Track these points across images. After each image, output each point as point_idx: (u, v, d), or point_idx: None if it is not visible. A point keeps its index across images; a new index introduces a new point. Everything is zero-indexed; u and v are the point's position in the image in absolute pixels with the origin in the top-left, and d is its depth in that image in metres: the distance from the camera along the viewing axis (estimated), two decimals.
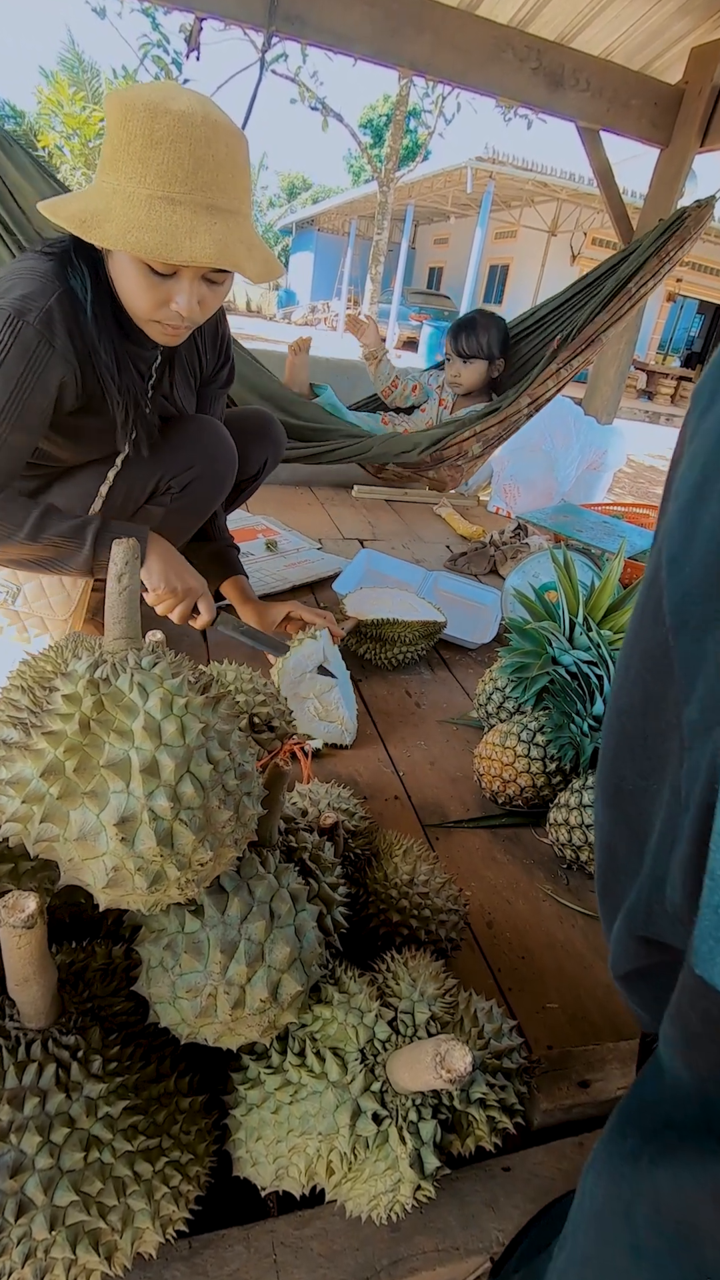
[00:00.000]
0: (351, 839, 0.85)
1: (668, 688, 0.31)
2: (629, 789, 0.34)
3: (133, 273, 1.00)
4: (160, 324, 1.07)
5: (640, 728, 0.33)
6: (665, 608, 0.31)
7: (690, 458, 0.31)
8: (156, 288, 1.01)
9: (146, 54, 6.79)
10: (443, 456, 2.60)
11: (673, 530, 0.31)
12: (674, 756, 0.30)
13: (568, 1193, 0.63)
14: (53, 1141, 0.48)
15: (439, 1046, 0.46)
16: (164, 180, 0.91)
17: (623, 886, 0.35)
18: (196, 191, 0.93)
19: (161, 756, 0.42)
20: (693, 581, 0.29)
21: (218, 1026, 0.53)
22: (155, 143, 0.89)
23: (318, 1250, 0.60)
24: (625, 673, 0.36)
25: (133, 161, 0.91)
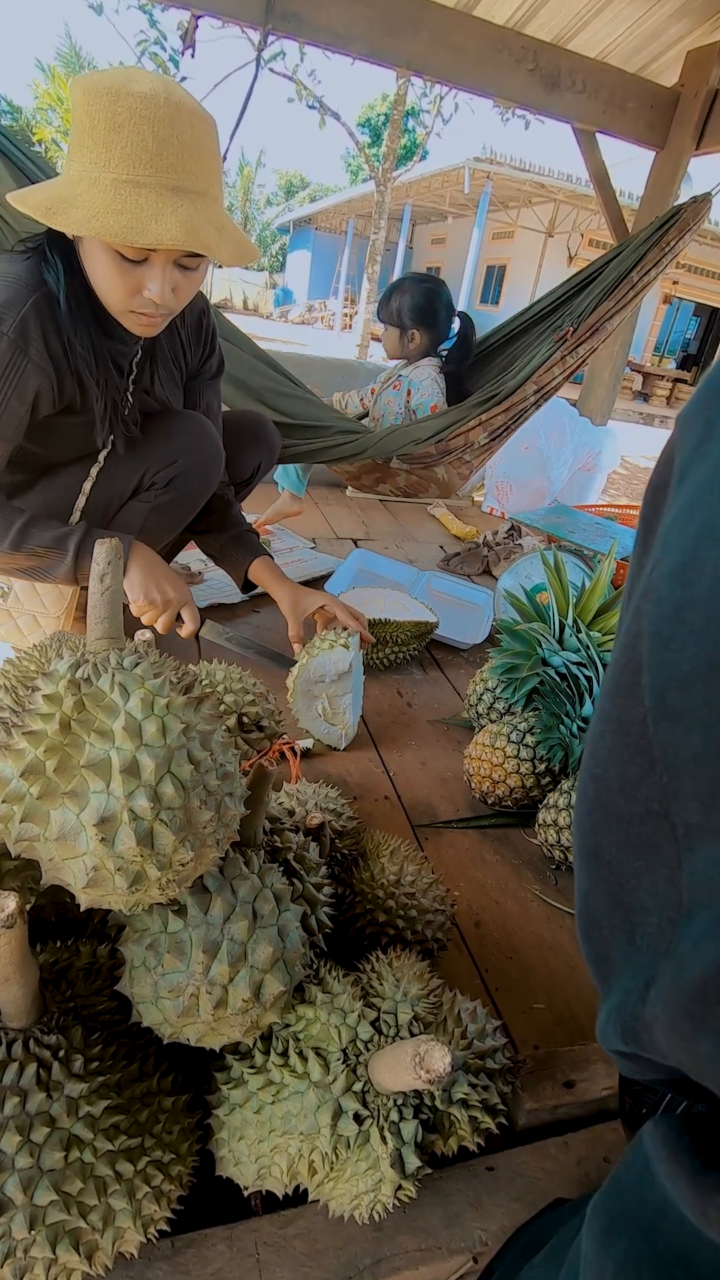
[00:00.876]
0: (339, 839, 0.85)
1: (646, 773, 0.27)
2: (607, 858, 0.31)
3: (103, 260, 0.99)
4: (135, 314, 1.06)
5: (617, 804, 0.30)
6: (645, 686, 0.27)
7: (686, 506, 0.26)
8: (128, 275, 1.00)
9: (144, 51, 6.77)
10: (449, 447, 2.54)
11: (660, 596, 0.26)
12: (663, 847, 0.27)
13: (553, 1203, 0.63)
14: (33, 1141, 0.48)
15: (418, 1047, 0.47)
16: (128, 163, 0.90)
17: (604, 944, 0.33)
18: (162, 173, 0.92)
19: (142, 757, 0.42)
20: (681, 666, 0.25)
21: (200, 1026, 0.53)
22: (118, 126, 0.88)
23: (300, 1249, 0.60)
24: (599, 737, 0.32)
25: (96, 146, 0.90)
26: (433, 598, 1.97)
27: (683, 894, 0.26)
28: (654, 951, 0.29)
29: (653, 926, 0.28)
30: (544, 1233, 0.55)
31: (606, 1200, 0.37)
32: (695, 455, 0.27)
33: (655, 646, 0.26)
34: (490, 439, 2.50)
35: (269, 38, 2.43)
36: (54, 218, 0.92)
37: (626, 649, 0.29)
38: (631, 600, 0.30)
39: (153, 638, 0.67)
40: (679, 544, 0.26)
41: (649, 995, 0.29)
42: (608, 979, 0.33)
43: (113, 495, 1.28)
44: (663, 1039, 0.28)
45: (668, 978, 0.27)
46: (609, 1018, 0.32)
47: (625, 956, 0.31)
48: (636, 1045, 0.31)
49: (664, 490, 0.29)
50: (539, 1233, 0.57)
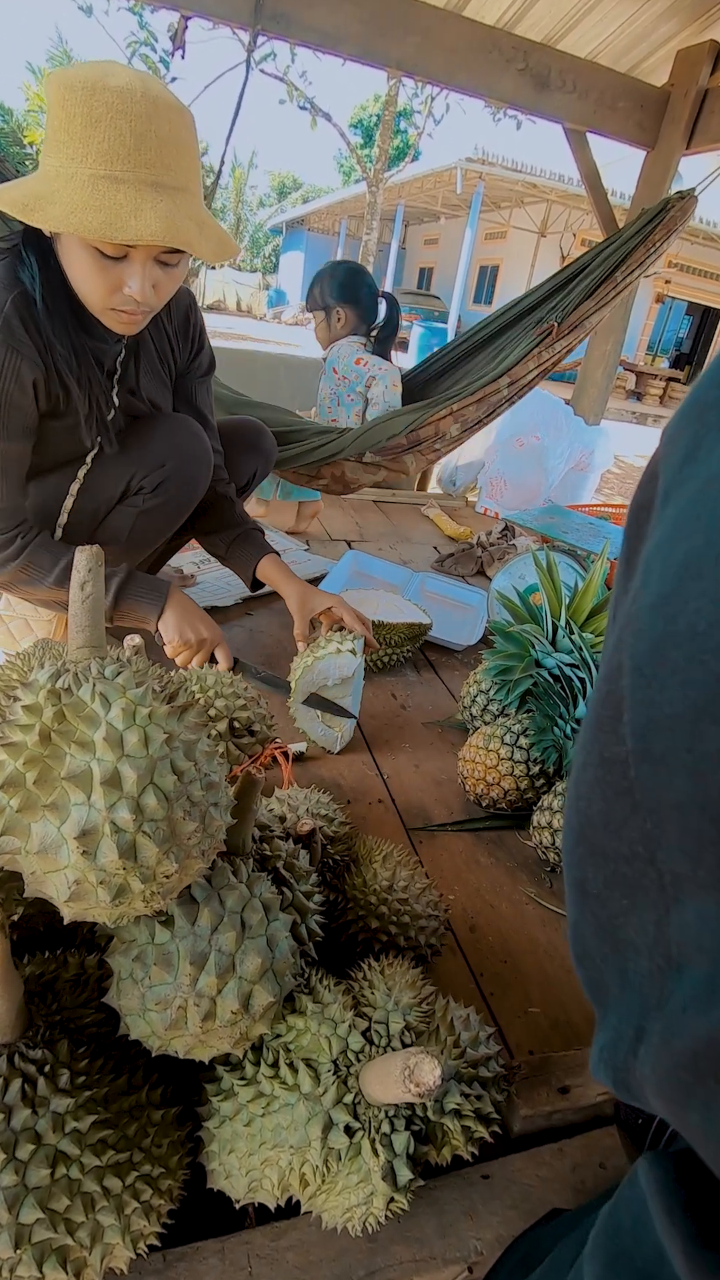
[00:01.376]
0: (330, 845, 0.85)
1: (629, 813, 0.26)
2: (594, 891, 0.30)
3: (82, 258, 0.97)
4: (116, 311, 1.05)
5: (601, 840, 0.28)
6: (626, 724, 0.25)
7: (669, 534, 0.25)
8: (107, 272, 0.98)
9: (134, 52, 6.77)
10: (419, 438, 2.53)
11: (641, 629, 0.25)
12: (650, 891, 0.26)
13: (550, 1214, 0.63)
14: (18, 1158, 0.47)
15: (408, 1060, 0.46)
16: (105, 159, 0.89)
17: (597, 971, 0.32)
18: (140, 169, 0.91)
19: (123, 768, 0.42)
20: (663, 708, 0.23)
21: (188, 1039, 0.52)
22: (94, 121, 0.87)
23: (293, 1262, 0.60)
24: (582, 769, 0.30)
25: (73, 142, 0.89)
26: (426, 599, 1.96)
27: (670, 946, 0.25)
28: (645, 997, 0.27)
29: (643, 969, 0.27)
30: (541, 1245, 0.55)
31: (605, 1239, 0.36)
32: (679, 476, 0.25)
33: (636, 683, 0.25)
34: (462, 430, 2.47)
35: (259, 39, 2.43)
36: (31, 214, 0.90)
37: (607, 680, 0.27)
38: (615, 625, 0.28)
39: (142, 644, 0.66)
40: (661, 573, 0.24)
41: (639, 1051, 0.27)
42: (603, 1005, 0.31)
43: (100, 499, 1.27)
44: (654, 1099, 0.27)
45: (657, 1038, 0.26)
46: (600, 1056, 0.31)
47: (619, 990, 0.29)
48: (627, 1094, 0.29)
49: (648, 509, 0.27)
50: (536, 1245, 0.56)
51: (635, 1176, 0.35)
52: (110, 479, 1.26)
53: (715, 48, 2.66)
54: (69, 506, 1.25)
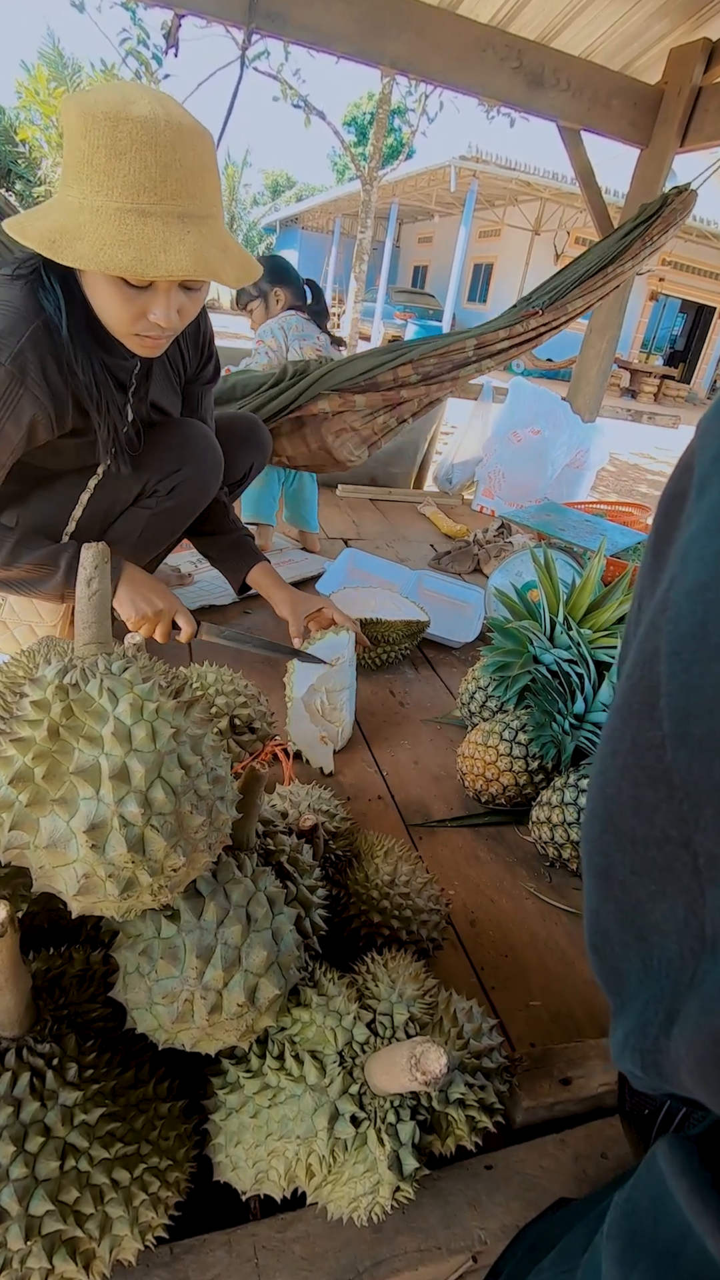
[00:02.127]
0: (332, 840, 0.85)
1: (664, 799, 0.26)
2: (618, 878, 0.30)
3: (107, 289, 0.98)
4: (140, 337, 1.05)
5: (630, 825, 0.29)
6: (663, 709, 0.25)
7: (707, 522, 0.25)
8: (132, 301, 0.99)
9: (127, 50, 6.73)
10: (377, 383, 2.50)
11: (679, 614, 0.25)
12: (682, 875, 0.26)
13: (557, 1203, 0.63)
14: (28, 1150, 0.48)
15: (414, 1049, 0.46)
16: (132, 191, 0.89)
17: (615, 959, 0.32)
18: (166, 200, 0.91)
19: (131, 762, 0.42)
20: (704, 691, 0.24)
21: (195, 1032, 0.53)
22: (119, 153, 0.87)
23: (300, 1253, 0.60)
24: (610, 756, 0.30)
25: (97, 174, 0.88)
26: (424, 597, 1.97)
27: (705, 926, 0.25)
28: (675, 980, 0.27)
29: (671, 953, 0.27)
30: (549, 1234, 0.55)
31: (624, 1220, 0.36)
32: (716, 466, 0.25)
33: (674, 668, 0.25)
34: (421, 380, 2.43)
35: (253, 36, 2.42)
36: (60, 251, 0.90)
37: (641, 666, 0.27)
38: (643, 614, 0.29)
39: (143, 641, 0.67)
40: (700, 559, 0.24)
41: (672, 1030, 0.28)
42: (621, 996, 0.32)
43: (115, 503, 1.29)
44: (689, 1078, 0.27)
45: (693, 1018, 0.26)
46: (625, 1043, 0.31)
47: (640, 978, 0.30)
48: (657, 1076, 0.30)
49: (681, 499, 0.27)
50: (544, 1233, 0.57)
51: (653, 1160, 0.35)
52: (124, 487, 1.28)
53: (708, 46, 2.67)
54: (78, 515, 1.26)
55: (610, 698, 1.10)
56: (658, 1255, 0.33)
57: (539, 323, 2.44)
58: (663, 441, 9.69)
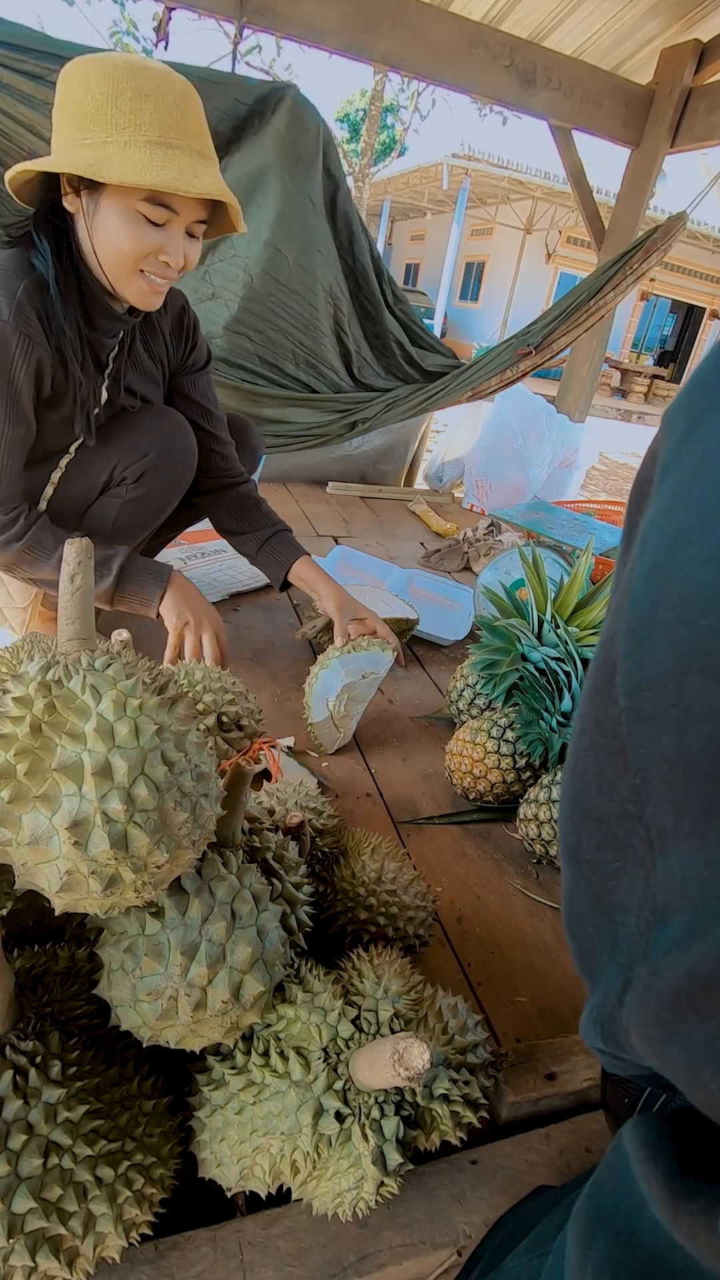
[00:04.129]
0: (319, 837, 0.85)
1: (620, 773, 0.27)
2: (587, 856, 0.31)
3: (126, 224, 1.03)
4: (146, 278, 1.09)
5: (595, 803, 0.30)
6: (619, 686, 0.27)
7: (665, 505, 0.26)
8: (148, 238, 1.04)
9: (117, 42, 6.69)
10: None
11: (636, 595, 0.26)
12: (638, 848, 0.27)
13: (535, 1190, 0.64)
14: (10, 1148, 0.48)
15: (397, 1044, 0.47)
16: (159, 127, 0.96)
17: (588, 941, 0.33)
18: (187, 139, 0.99)
19: (114, 759, 0.42)
20: (653, 667, 0.25)
21: (180, 1029, 0.53)
22: (144, 94, 0.95)
23: (285, 1249, 0.60)
24: (579, 735, 0.31)
25: (123, 114, 0.95)
26: (414, 595, 1.97)
27: (657, 897, 0.26)
28: (632, 952, 0.28)
29: (632, 927, 0.28)
30: (526, 1221, 0.56)
31: (588, 1200, 0.37)
32: (677, 453, 0.26)
33: (629, 646, 0.26)
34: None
35: (244, 31, 2.41)
36: (100, 172, 0.95)
37: (604, 647, 0.29)
38: (614, 599, 0.30)
39: (129, 637, 0.66)
40: (656, 543, 0.26)
41: (625, 999, 0.28)
42: (593, 977, 0.32)
43: (81, 489, 1.27)
44: (637, 1042, 0.28)
45: (641, 983, 0.27)
46: (590, 1015, 0.32)
47: (609, 956, 0.31)
48: (615, 1046, 0.31)
49: (647, 486, 0.29)
50: (521, 1221, 0.57)
51: (619, 1141, 0.36)
52: (92, 468, 1.26)
53: (699, 47, 2.68)
54: (49, 494, 1.25)
55: None
56: (615, 1230, 0.34)
57: (529, 363, 2.51)
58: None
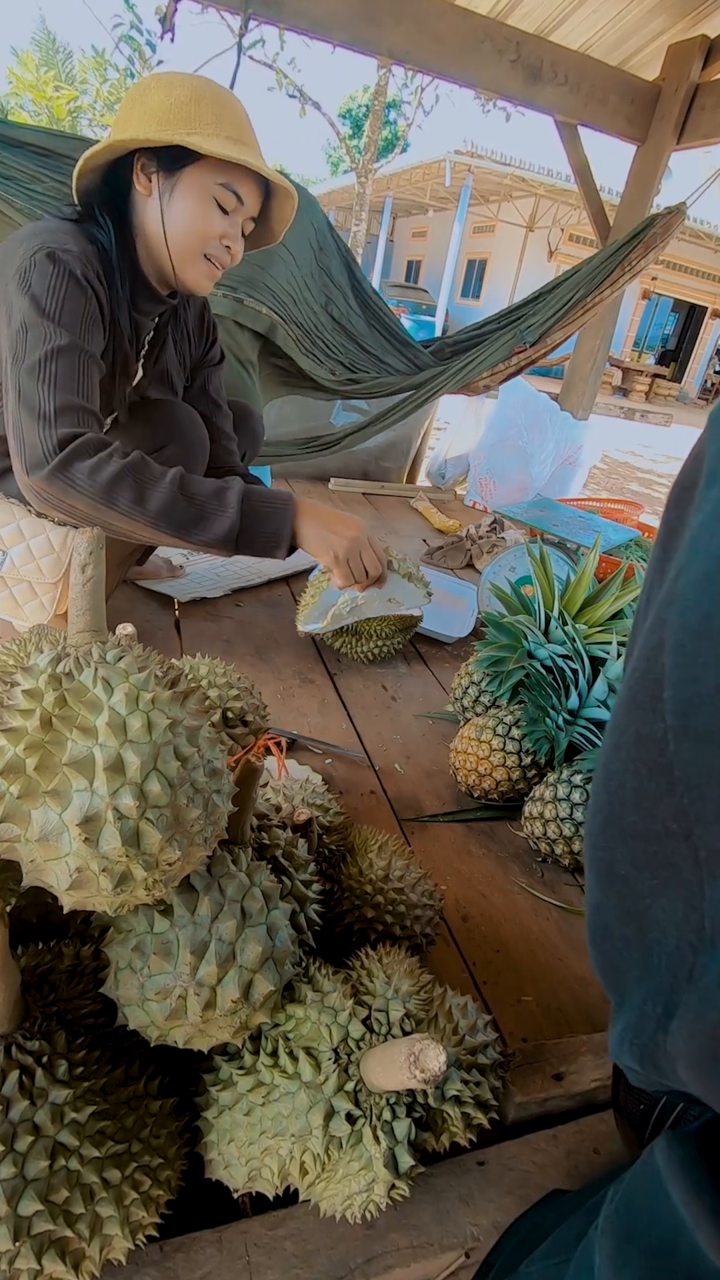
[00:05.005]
0: (325, 835, 0.84)
1: (664, 791, 0.26)
2: (620, 873, 0.30)
3: (199, 208, 1.13)
4: (208, 261, 1.19)
5: (632, 819, 0.28)
6: (666, 701, 0.25)
7: (714, 511, 0.25)
8: (216, 222, 1.15)
9: (120, 36, 6.65)
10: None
11: (685, 605, 0.25)
12: (683, 869, 0.26)
13: (550, 1195, 0.63)
14: (16, 1150, 0.47)
15: (413, 1046, 0.46)
16: (235, 128, 1.10)
17: (615, 954, 0.32)
18: (253, 144, 1.14)
19: (127, 754, 0.41)
20: (706, 682, 0.23)
21: (188, 1028, 0.52)
22: (222, 103, 1.09)
23: (291, 1250, 0.60)
24: (614, 750, 0.30)
25: (206, 113, 1.08)
26: None
27: (705, 921, 0.25)
28: (673, 975, 0.27)
29: (670, 947, 0.27)
30: (542, 1226, 0.55)
31: (618, 1216, 0.36)
32: None
33: (678, 660, 0.25)
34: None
35: (249, 23, 2.39)
36: (199, 145, 1.05)
37: (645, 659, 0.27)
38: (651, 606, 0.28)
39: (134, 631, 0.65)
40: (706, 551, 0.24)
41: (670, 1025, 0.27)
42: (621, 991, 0.31)
43: None
44: (685, 1072, 0.27)
45: (691, 1012, 0.26)
46: (623, 1038, 0.31)
47: (640, 972, 0.29)
48: (655, 1071, 0.30)
49: (691, 491, 0.27)
50: (536, 1226, 0.57)
51: (651, 1156, 0.35)
52: None
53: (706, 43, 2.66)
54: None
55: (605, 694, 1.09)
56: (651, 1251, 0.33)
57: (523, 358, 2.52)
58: (654, 439, 9.73)
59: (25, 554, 1.26)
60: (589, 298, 2.48)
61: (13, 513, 1.24)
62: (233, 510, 1.08)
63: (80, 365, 1.05)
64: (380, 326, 2.76)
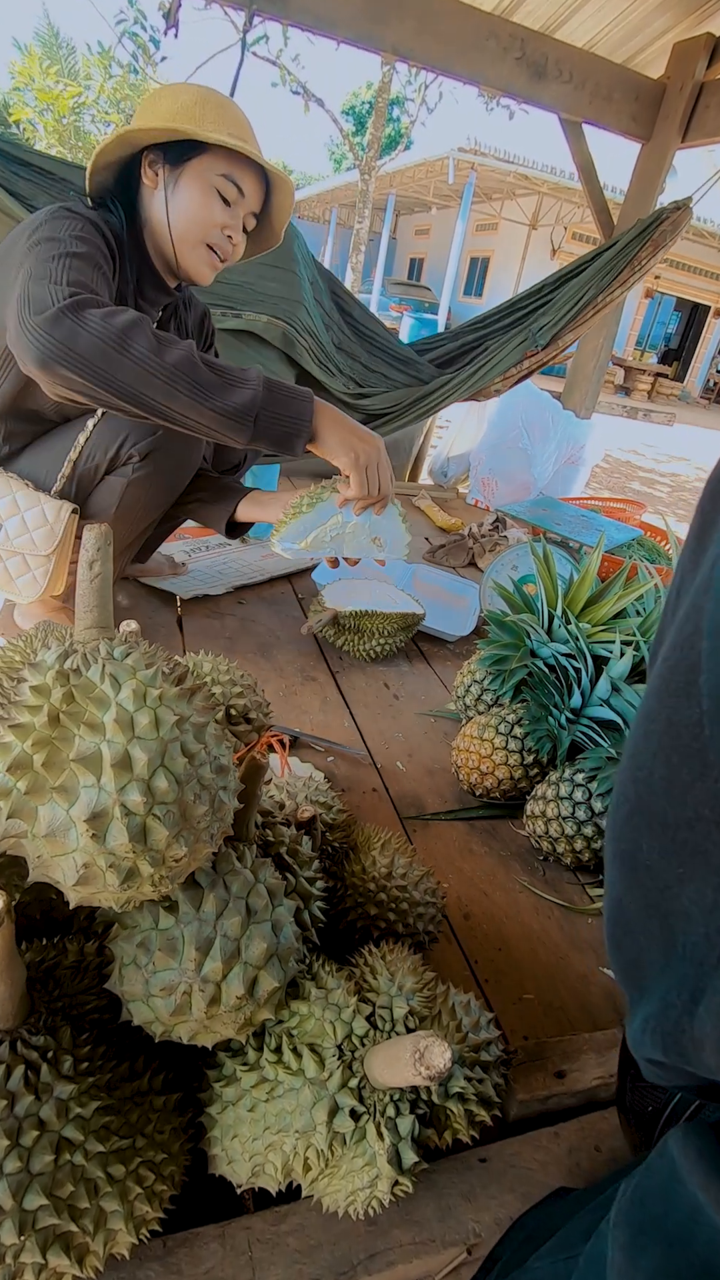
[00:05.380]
0: (329, 832, 0.84)
1: (696, 777, 0.26)
2: (646, 862, 0.30)
3: (203, 198, 1.17)
4: (209, 250, 1.23)
5: (661, 807, 0.29)
6: (703, 686, 0.26)
7: None
8: (219, 213, 1.19)
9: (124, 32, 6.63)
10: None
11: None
12: (713, 855, 0.26)
13: (556, 1192, 0.63)
14: (21, 1145, 0.47)
15: (418, 1043, 0.46)
16: (239, 129, 1.15)
17: (636, 950, 0.32)
18: (254, 143, 1.18)
19: (134, 750, 0.41)
20: None
21: (193, 1024, 0.52)
22: (224, 108, 1.15)
23: (294, 1246, 0.60)
24: (644, 739, 0.30)
25: (210, 113, 1.12)
26: (420, 590, 1.96)
27: None
28: (700, 963, 0.27)
29: (697, 936, 0.27)
30: (548, 1222, 0.55)
31: (632, 1208, 0.36)
32: None
33: (716, 645, 0.25)
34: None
35: (253, 19, 2.39)
36: (201, 134, 1.10)
37: (680, 648, 0.28)
38: (683, 598, 0.29)
39: (138, 628, 0.66)
40: None
41: (697, 1010, 0.27)
42: (641, 985, 0.31)
43: (96, 456, 1.26)
44: (714, 1055, 0.27)
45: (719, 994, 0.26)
46: (645, 1027, 0.31)
47: (663, 964, 0.29)
48: (679, 1058, 0.30)
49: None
50: (542, 1223, 0.57)
51: (665, 1148, 0.35)
52: (108, 434, 1.25)
53: (712, 41, 2.65)
54: (74, 457, 1.25)
55: (607, 693, 1.09)
56: (668, 1241, 0.33)
57: (534, 361, 2.52)
58: (656, 439, 9.72)
59: (20, 526, 1.24)
60: (599, 297, 2.48)
61: (9, 485, 1.23)
62: (255, 383, 1.02)
63: (94, 272, 1.02)
64: (378, 347, 2.77)
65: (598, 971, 0.96)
